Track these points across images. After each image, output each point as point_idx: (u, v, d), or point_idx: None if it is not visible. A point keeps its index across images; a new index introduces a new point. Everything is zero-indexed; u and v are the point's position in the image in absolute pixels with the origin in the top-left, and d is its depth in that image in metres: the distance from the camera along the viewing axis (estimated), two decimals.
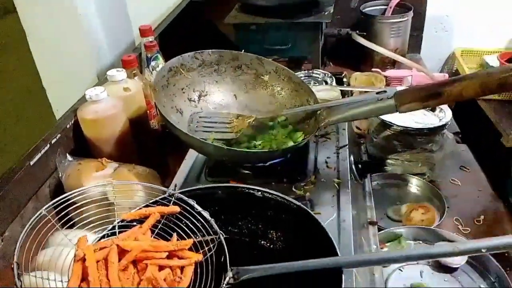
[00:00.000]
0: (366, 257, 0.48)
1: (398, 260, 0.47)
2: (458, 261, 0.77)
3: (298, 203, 0.58)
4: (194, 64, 0.94)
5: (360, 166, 0.91)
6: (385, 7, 1.49)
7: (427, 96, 0.72)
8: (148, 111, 1.05)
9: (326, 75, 1.23)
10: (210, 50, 0.96)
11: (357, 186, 0.87)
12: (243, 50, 0.99)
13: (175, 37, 1.46)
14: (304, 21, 1.27)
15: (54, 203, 0.56)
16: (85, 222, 0.59)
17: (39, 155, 0.80)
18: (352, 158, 0.89)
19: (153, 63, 1.11)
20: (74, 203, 0.59)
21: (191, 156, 0.90)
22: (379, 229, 0.83)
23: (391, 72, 1.36)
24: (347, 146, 0.90)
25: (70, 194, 0.57)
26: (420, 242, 0.83)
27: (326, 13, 1.29)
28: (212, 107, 0.96)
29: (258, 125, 0.91)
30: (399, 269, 0.80)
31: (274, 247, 0.61)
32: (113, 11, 1.52)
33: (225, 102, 0.98)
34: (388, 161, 0.99)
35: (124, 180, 0.80)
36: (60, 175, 0.83)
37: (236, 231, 0.62)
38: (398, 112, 0.79)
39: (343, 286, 0.46)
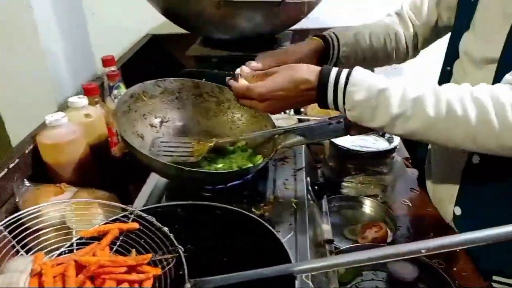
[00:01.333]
0: (317, 263, 0.51)
1: (347, 264, 0.50)
2: (409, 276, 0.81)
3: (255, 217, 0.61)
4: (156, 91, 0.97)
5: (316, 187, 0.95)
6: None
7: None
8: (109, 138, 1.06)
9: None
10: (172, 78, 0.99)
11: (314, 207, 0.91)
12: (203, 79, 1.03)
13: (136, 69, 1.49)
14: None
15: (8, 221, 0.56)
16: (42, 246, 0.59)
17: None
18: (308, 179, 0.93)
19: (115, 92, 1.13)
20: (29, 227, 0.59)
21: (152, 180, 0.92)
22: (336, 248, 0.86)
23: None
24: (304, 169, 0.95)
25: (25, 212, 0.57)
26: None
27: (284, 45, 1.37)
28: (173, 133, 0.99)
29: (218, 150, 0.94)
30: (355, 286, 0.83)
31: (233, 261, 0.63)
32: (76, 43, 1.54)
33: (187, 128, 1.01)
34: (343, 183, 1.04)
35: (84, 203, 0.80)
36: (17, 200, 0.82)
37: (195, 247, 0.63)
38: (349, 135, 0.85)
39: None
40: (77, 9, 1.62)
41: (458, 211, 0.90)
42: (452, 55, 0.90)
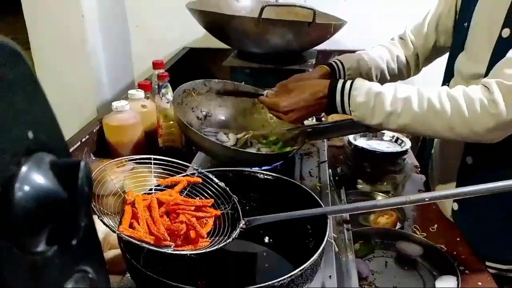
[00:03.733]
0: (343, 207, 0.66)
1: (367, 208, 0.65)
2: (415, 253, 0.95)
3: (292, 180, 0.76)
4: (203, 89, 1.14)
5: (337, 178, 1.09)
6: None
7: None
8: (157, 130, 1.22)
9: None
10: (217, 79, 1.16)
11: (334, 194, 1.05)
12: (243, 82, 1.20)
13: (173, 78, 1.66)
14: (290, 68, 1.50)
15: None
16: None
17: (71, 149, 0.95)
18: (330, 171, 1.08)
19: (163, 90, 1.29)
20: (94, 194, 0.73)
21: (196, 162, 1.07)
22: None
23: None
24: (326, 162, 1.09)
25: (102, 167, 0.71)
26: (385, 241, 1.01)
27: (309, 63, 1.54)
28: (215, 126, 1.15)
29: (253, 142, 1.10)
30: (368, 260, 0.97)
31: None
32: (118, 52, 1.73)
33: (226, 123, 1.17)
34: (359, 180, 1.18)
35: (141, 176, 0.96)
36: None
37: (243, 204, 0.77)
38: (368, 132, 1.00)
39: (327, 229, 0.62)
40: (122, 22, 1.82)
41: (455, 206, 1.03)
42: (448, 73, 1.05)
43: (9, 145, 0.17)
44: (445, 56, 1.12)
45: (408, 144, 1.18)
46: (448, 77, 1.05)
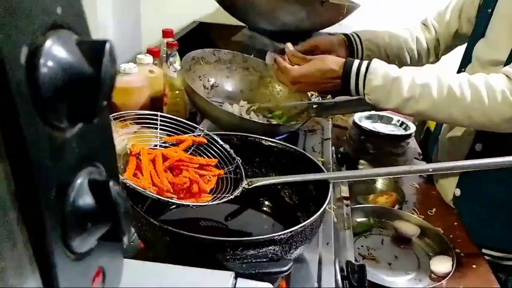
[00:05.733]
0: (346, 173, 0.66)
1: (369, 175, 0.65)
2: (412, 233, 0.95)
3: (295, 147, 0.76)
4: (212, 59, 1.14)
5: (339, 155, 1.10)
6: None
7: None
8: (162, 98, 1.22)
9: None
10: (226, 50, 1.16)
11: (335, 170, 1.05)
12: (252, 55, 1.20)
13: (183, 51, 1.66)
14: None
15: None
16: None
17: None
18: (333, 148, 1.08)
19: (171, 59, 1.29)
20: None
21: None
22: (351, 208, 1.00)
23: None
24: (330, 139, 1.10)
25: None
26: (383, 220, 1.01)
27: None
28: (221, 96, 1.15)
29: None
30: (364, 236, 0.97)
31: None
32: (126, 22, 1.72)
33: (232, 94, 1.17)
34: (361, 160, 1.18)
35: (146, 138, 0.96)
36: None
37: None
38: (375, 111, 1.00)
39: (329, 194, 0.63)
40: None
41: (458, 192, 1.04)
42: (466, 59, 1.05)
43: (39, 13, 0.17)
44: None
45: (412, 128, 1.18)
46: (465, 63, 1.04)
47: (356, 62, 0.89)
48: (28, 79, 0.17)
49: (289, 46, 1.04)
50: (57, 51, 0.17)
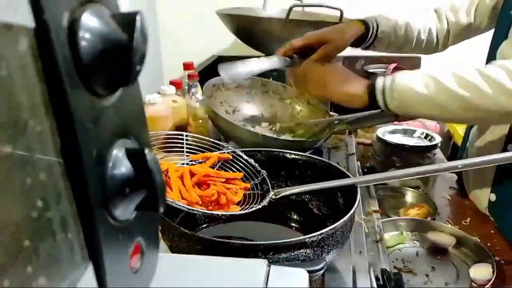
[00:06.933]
0: (373, 176, 0.66)
1: (398, 177, 0.64)
2: (448, 243, 0.92)
3: (320, 158, 0.76)
4: (232, 85, 1.17)
5: (366, 170, 1.09)
6: (386, 69, 1.76)
7: None
8: (186, 126, 1.25)
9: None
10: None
11: (363, 187, 1.04)
12: (271, 78, 1.22)
13: (203, 82, 1.71)
14: None
15: None
16: None
17: None
18: (359, 163, 1.08)
19: (193, 90, 1.33)
20: None
21: None
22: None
23: None
24: (355, 154, 1.09)
25: None
26: (416, 232, 0.99)
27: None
28: (243, 120, 1.17)
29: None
30: (398, 249, 0.95)
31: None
32: (149, 59, 1.80)
33: (254, 118, 1.19)
34: None
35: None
36: None
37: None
38: (397, 120, 1.00)
39: (357, 198, 0.63)
40: (153, 32, 1.90)
41: (493, 197, 1.00)
42: (490, 60, 1.04)
43: None
44: (479, 45, 1.13)
45: (438, 139, 1.17)
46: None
47: (380, 80, 0.84)
48: (70, 43, 0.18)
49: (295, 42, 1.02)
50: (94, 21, 0.19)
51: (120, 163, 0.22)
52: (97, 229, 0.20)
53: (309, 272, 0.48)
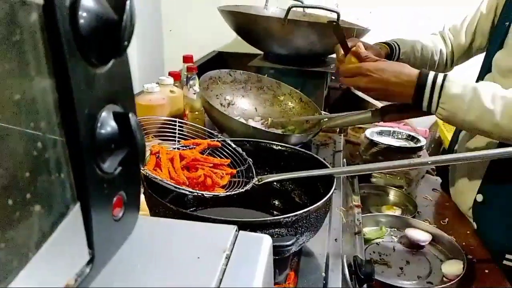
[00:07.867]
0: (349, 168, 0.70)
1: (372, 170, 0.68)
2: (424, 239, 0.97)
3: (305, 150, 0.81)
4: (228, 79, 1.22)
5: None
6: None
7: (403, 106, 0.97)
8: (182, 117, 1.30)
9: None
10: (241, 71, 1.24)
11: (347, 182, 1.09)
12: (266, 75, 1.27)
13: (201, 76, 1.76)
14: (312, 69, 1.57)
15: None
16: None
17: None
18: (345, 160, 1.12)
19: (191, 82, 1.37)
20: None
21: None
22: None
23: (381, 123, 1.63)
24: (341, 151, 1.14)
25: None
26: (395, 228, 1.04)
27: (331, 66, 1.60)
28: (237, 114, 1.22)
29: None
30: (376, 243, 0.99)
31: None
32: (149, 53, 1.85)
33: (247, 112, 1.23)
34: (374, 174, 1.22)
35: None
36: None
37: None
38: (382, 121, 1.04)
39: (333, 186, 0.67)
40: (157, 27, 1.95)
41: (480, 198, 1.04)
42: (485, 69, 1.08)
43: None
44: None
45: (423, 141, 1.21)
46: (484, 72, 1.07)
47: (432, 72, 0.86)
48: (71, 19, 0.23)
49: (361, 46, 0.98)
50: (91, 2, 0.24)
51: (107, 123, 0.26)
52: (85, 174, 0.25)
53: (278, 246, 0.52)
